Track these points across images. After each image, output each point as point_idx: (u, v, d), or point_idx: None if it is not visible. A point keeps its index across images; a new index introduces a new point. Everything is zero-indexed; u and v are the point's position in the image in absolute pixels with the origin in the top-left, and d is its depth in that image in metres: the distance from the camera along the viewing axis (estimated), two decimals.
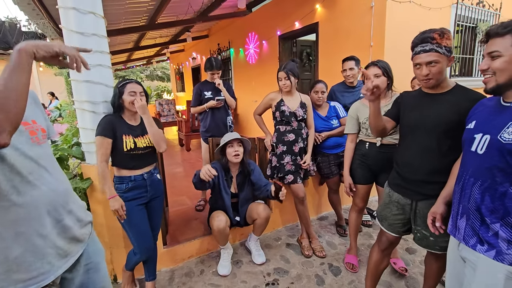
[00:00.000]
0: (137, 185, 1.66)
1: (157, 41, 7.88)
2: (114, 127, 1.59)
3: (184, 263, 2.26)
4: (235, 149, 2.07)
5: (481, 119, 1.06)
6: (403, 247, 2.39)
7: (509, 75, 0.93)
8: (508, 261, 0.93)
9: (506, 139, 0.92)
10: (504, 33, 0.92)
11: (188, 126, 5.77)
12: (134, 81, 1.67)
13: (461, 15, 3.85)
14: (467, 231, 1.05)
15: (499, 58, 0.94)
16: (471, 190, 1.03)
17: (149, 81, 18.36)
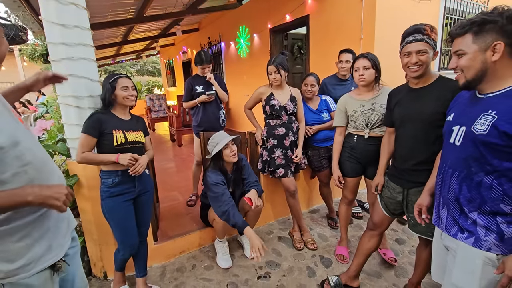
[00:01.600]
0: (124, 180, 1.63)
1: (146, 35, 7.72)
2: (102, 125, 1.57)
3: (175, 258, 2.25)
4: (231, 150, 2.04)
5: (459, 111, 1.09)
6: (393, 238, 2.43)
7: (476, 70, 0.95)
8: (486, 247, 0.96)
9: (478, 130, 0.95)
10: (463, 33, 0.96)
11: (180, 121, 5.71)
12: (124, 75, 1.66)
13: (450, 8, 3.88)
14: (449, 220, 1.09)
15: (464, 56, 0.97)
16: (450, 180, 1.07)
17: (139, 76, 18.05)
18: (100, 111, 1.64)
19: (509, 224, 0.93)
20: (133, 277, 1.92)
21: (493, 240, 0.95)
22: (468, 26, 0.94)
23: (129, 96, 1.63)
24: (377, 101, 1.85)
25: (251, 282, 1.97)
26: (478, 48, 0.93)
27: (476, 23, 0.92)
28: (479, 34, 0.92)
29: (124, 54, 10.38)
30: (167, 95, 11.43)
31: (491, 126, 0.91)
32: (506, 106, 0.90)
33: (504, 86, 0.93)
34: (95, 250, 1.98)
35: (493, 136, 0.91)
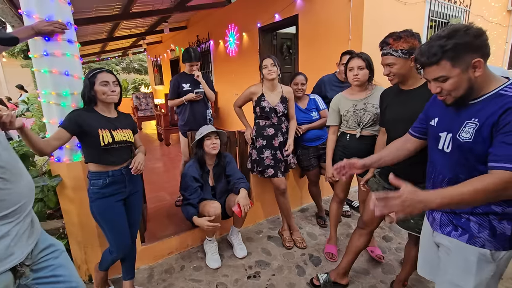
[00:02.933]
0: (115, 180, 1.58)
1: (133, 32, 7.55)
2: (83, 123, 1.48)
3: (164, 259, 2.21)
4: (212, 142, 2.09)
5: (443, 116, 1.09)
6: (380, 235, 2.47)
7: (464, 89, 0.94)
8: (480, 244, 0.98)
9: (463, 138, 0.97)
10: (438, 60, 0.93)
11: (167, 120, 5.62)
12: (105, 70, 1.56)
13: (434, 10, 3.98)
14: (443, 220, 1.10)
15: (448, 81, 0.94)
16: (440, 186, 1.08)
17: (126, 74, 17.65)
18: (83, 109, 1.56)
19: (500, 220, 0.96)
20: (119, 280, 1.87)
21: (486, 236, 0.97)
22: (441, 53, 0.92)
23: (110, 92, 1.52)
24: (369, 101, 1.87)
25: (241, 282, 1.96)
26: (460, 70, 0.92)
27: (450, 50, 0.90)
28: (455, 58, 0.91)
29: (110, 51, 10.12)
30: (155, 93, 11.21)
31: (475, 134, 0.93)
32: (485, 112, 0.92)
33: (483, 93, 0.95)
34: (80, 253, 1.92)
35: (478, 143, 0.93)
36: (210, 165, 2.20)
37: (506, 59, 5.93)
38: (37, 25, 1.51)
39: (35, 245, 1.02)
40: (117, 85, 1.57)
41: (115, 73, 1.60)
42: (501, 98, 0.91)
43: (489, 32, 3.32)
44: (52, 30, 1.55)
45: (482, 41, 0.91)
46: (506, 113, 0.87)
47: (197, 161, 2.15)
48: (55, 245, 1.10)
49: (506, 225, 0.95)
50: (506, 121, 0.86)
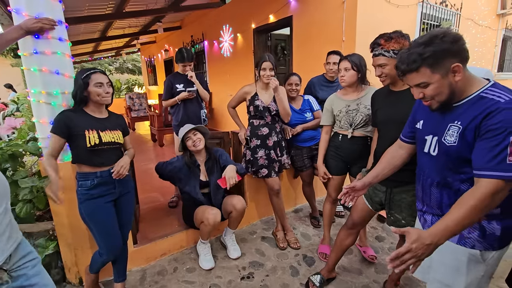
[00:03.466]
0: (104, 181, 1.56)
1: (126, 32, 7.49)
2: (71, 124, 1.46)
3: (156, 261, 2.19)
4: (192, 140, 2.11)
5: (427, 119, 1.10)
6: (373, 235, 2.49)
7: (446, 94, 0.95)
8: (470, 245, 0.99)
9: (449, 142, 0.97)
10: (417, 68, 0.93)
11: (161, 120, 5.58)
12: (98, 70, 1.54)
13: (426, 13, 4.04)
14: (434, 222, 1.11)
15: (429, 86, 0.95)
16: (430, 189, 1.09)
17: (119, 74, 17.47)
18: (70, 109, 1.54)
19: (489, 221, 0.97)
20: (111, 282, 1.84)
21: (476, 237, 0.98)
22: (420, 61, 0.92)
23: (105, 93, 1.51)
24: (362, 102, 1.88)
25: (234, 283, 1.95)
26: (440, 75, 0.93)
27: (428, 57, 0.91)
28: (435, 64, 0.92)
29: (103, 51, 10.01)
30: (148, 94, 11.13)
31: (459, 137, 0.94)
32: (467, 115, 0.93)
33: (465, 96, 0.96)
34: (70, 255, 1.88)
35: (463, 146, 0.94)
36: (201, 161, 2.20)
37: (496, 62, 6.05)
38: (25, 24, 1.48)
39: (15, 250, 0.98)
40: (110, 86, 1.55)
41: (107, 74, 1.59)
42: (482, 101, 0.92)
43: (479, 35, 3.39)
44: (41, 27, 1.53)
45: (459, 46, 0.91)
46: (488, 117, 0.87)
47: (187, 162, 2.15)
48: (33, 252, 1.06)
49: (495, 226, 0.96)
50: (488, 126, 0.87)
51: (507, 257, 2.22)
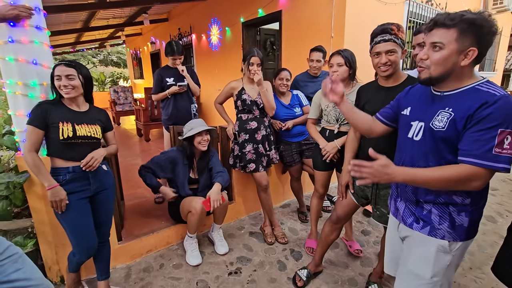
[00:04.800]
0: (77, 177, 1.49)
1: (110, 22, 7.23)
2: (47, 115, 1.40)
3: (142, 258, 2.15)
4: (203, 138, 2.10)
5: (415, 106, 1.11)
6: (359, 230, 2.53)
7: (444, 69, 0.95)
8: (440, 236, 1.03)
9: (437, 127, 0.98)
10: (450, 25, 0.91)
11: (147, 115, 5.46)
12: (64, 62, 1.44)
13: (413, 11, 4.10)
14: (406, 211, 1.13)
15: (440, 51, 0.94)
16: None
17: (103, 67, 16.97)
18: (49, 101, 1.47)
19: (459, 212, 1.00)
20: (94, 280, 1.79)
21: (446, 228, 1.02)
22: (458, 20, 0.90)
23: (62, 86, 1.41)
24: (349, 97, 1.88)
25: (222, 279, 1.94)
26: (457, 48, 0.91)
27: (466, 21, 0.89)
28: (464, 33, 0.90)
29: (86, 42, 9.66)
30: (134, 87, 10.86)
31: (449, 123, 0.95)
32: (461, 104, 0.94)
33: (461, 86, 0.97)
34: (50, 253, 1.81)
35: (451, 133, 0.94)
36: (195, 158, 2.20)
37: None
38: (0, 10, 1.39)
39: None
40: (72, 79, 1.43)
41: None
42: (477, 92, 0.92)
43: None
44: (18, 15, 1.44)
45: (490, 38, 0.91)
46: (482, 108, 0.88)
47: (184, 154, 2.14)
48: (10, 248, 1.00)
49: (464, 217, 1.00)
50: (480, 116, 0.88)
51: (484, 249, 2.32)
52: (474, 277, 1.95)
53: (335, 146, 1.91)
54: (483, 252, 2.21)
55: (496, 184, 3.59)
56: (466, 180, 0.89)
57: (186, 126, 2.15)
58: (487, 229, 2.55)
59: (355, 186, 1.68)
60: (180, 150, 2.18)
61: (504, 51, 7.58)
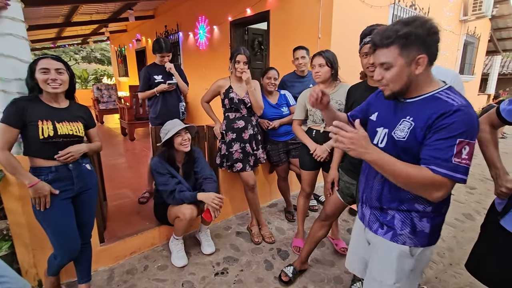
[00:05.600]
0: (60, 177, 1.42)
1: (94, 18, 7.02)
2: (24, 113, 1.33)
3: (125, 260, 2.09)
4: (183, 138, 1.99)
5: (382, 112, 1.11)
6: (345, 228, 2.57)
7: (402, 83, 0.95)
8: (401, 241, 1.04)
9: (398, 136, 0.98)
10: (389, 44, 0.92)
11: (132, 113, 5.33)
12: (50, 56, 1.39)
13: (397, 15, 4.21)
14: (371, 217, 1.14)
15: (390, 70, 0.94)
16: (373, 182, 1.11)
17: (86, 64, 16.47)
18: (25, 98, 1.40)
19: (421, 218, 1.01)
20: (75, 283, 1.73)
21: (408, 233, 1.02)
22: (394, 37, 0.90)
23: (50, 80, 1.35)
24: (333, 97, 1.91)
25: (208, 279, 1.92)
26: (404, 62, 0.92)
27: (402, 36, 0.89)
28: (405, 47, 0.90)
29: (67, 37, 9.32)
30: (118, 85, 10.59)
31: (409, 133, 0.95)
32: (421, 114, 0.94)
33: (421, 93, 0.97)
34: (27, 256, 1.73)
35: (412, 143, 0.95)
36: (179, 162, 2.10)
37: (458, 65, 6.49)
38: None
39: None
40: (61, 73, 1.39)
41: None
42: (436, 102, 0.92)
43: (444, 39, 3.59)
44: None
45: (433, 39, 0.91)
46: (441, 118, 0.88)
47: (166, 160, 2.01)
48: None
49: (426, 223, 1.01)
50: (439, 126, 0.88)
51: (463, 245, 2.40)
52: (454, 272, 2.02)
53: (325, 150, 1.93)
54: (462, 248, 2.29)
55: (474, 183, 3.74)
56: (428, 186, 0.89)
57: (162, 130, 2.03)
58: (466, 226, 2.65)
59: (340, 183, 1.70)
60: (161, 157, 2.03)
61: (482, 56, 7.92)
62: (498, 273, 1.17)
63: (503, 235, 1.13)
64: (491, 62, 10.26)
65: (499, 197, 1.19)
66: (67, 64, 1.43)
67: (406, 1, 4.34)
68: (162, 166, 1.98)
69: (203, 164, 2.15)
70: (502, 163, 1.23)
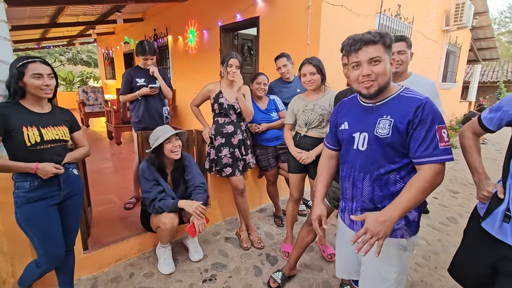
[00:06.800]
0: (47, 182, 1.37)
1: (80, 19, 6.89)
2: (6, 120, 1.27)
3: (110, 268, 2.02)
4: (174, 145, 1.93)
5: (352, 118, 1.18)
6: (333, 233, 2.58)
7: (387, 78, 1.06)
8: (400, 235, 1.11)
9: (382, 134, 1.06)
10: (377, 42, 1.03)
11: (119, 117, 5.22)
12: (38, 59, 1.34)
13: (383, 24, 4.33)
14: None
15: (379, 64, 1.03)
16: (362, 184, 1.14)
17: (72, 66, 16.09)
18: (5, 103, 1.33)
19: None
20: None
21: (404, 226, 1.10)
22: (379, 37, 1.03)
23: (44, 86, 1.32)
24: (318, 103, 1.95)
25: (196, 287, 1.88)
26: (387, 59, 1.05)
27: (385, 38, 1.03)
28: (387, 48, 1.04)
29: (52, 38, 9.10)
30: (105, 88, 10.39)
31: (392, 129, 1.04)
32: (397, 111, 1.04)
33: (388, 95, 1.09)
34: (5, 266, 1.65)
35: (396, 137, 1.04)
36: (168, 169, 2.05)
37: (441, 73, 6.72)
38: None
39: None
40: (52, 78, 1.36)
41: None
42: (405, 99, 1.06)
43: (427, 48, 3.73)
44: None
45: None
46: (418, 111, 1.00)
47: (154, 166, 1.96)
48: None
49: (414, 212, 1.11)
50: (418, 119, 1.00)
51: (448, 249, 2.45)
52: (439, 275, 2.06)
53: (310, 156, 1.96)
54: (447, 251, 2.35)
55: (457, 188, 3.85)
56: (436, 178, 0.99)
57: (151, 136, 1.96)
58: (449, 229, 2.72)
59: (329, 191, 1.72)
60: (150, 162, 1.97)
61: (464, 64, 8.24)
62: (477, 278, 1.21)
63: (483, 237, 1.16)
64: (471, 71, 10.70)
65: (481, 201, 1.23)
66: (53, 68, 1.39)
67: (392, 11, 4.47)
68: (149, 172, 1.94)
69: (194, 172, 2.09)
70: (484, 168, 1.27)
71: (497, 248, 1.11)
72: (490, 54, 9.22)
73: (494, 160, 5.37)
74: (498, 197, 1.11)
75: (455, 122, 7.89)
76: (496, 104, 1.18)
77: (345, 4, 3.63)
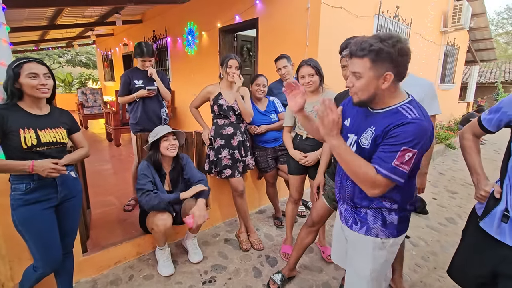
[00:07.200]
0: (43, 185, 1.36)
1: (79, 21, 6.88)
2: (3, 122, 1.26)
3: (109, 270, 2.02)
4: (170, 143, 1.97)
5: (354, 118, 1.19)
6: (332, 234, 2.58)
7: (369, 94, 1.03)
8: (374, 234, 1.15)
9: (363, 144, 1.08)
10: (362, 56, 0.98)
11: (118, 118, 5.22)
12: (34, 60, 1.33)
13: (381, 25, 4.35)
14: (346, 214, 1.24)
15: (360, 80, 1.02)
16: (346, 182, 1.20)
17: (71, 67, 16.07)
18: (3, 105, 1.32)
19: (389, 212, 1.12)
20: None
21: (379, 226, 1.13)
22: (367, 51, 0.96)
23: (40, 85, 1.30)
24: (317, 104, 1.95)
25: None
26: (373, 75, 0.98)
27: (374, 51, 0.95)
28: (375, 62, 0.96)
29: (51, 40, 9.10)
30: (104, 90, 10.38)
31: (371, 141, 1.05)
32: (382, 124, 1.03)
33: (385, 106, 1.06)
34: (4, 269, 1.64)
35: (374, 150, 1.04)
36: (166, 169, 2.06)
37: (439, 74, 6.74)
38: None
39: None
40: (49, 78, 1.35)
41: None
42: (396, 114, 1.01)
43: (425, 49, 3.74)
44: None
45: (403, 60, 0.97)
46: (395, 127, 0.98)
47: (152, 163, 1.98)
48: None
49: (394, 216, 1.13)
50: (391, 134, 0.99)
51: (447, 249, 2.45)
52: (438, 276, 2.06)
53: (316, 157, 1.96)
54: (446, 252, 2.35)
55: (456, 188, 3.86)
56: (369, 181, 1.00)
57: (151, 134, 2.01)
58: (448, 230, 2.72)
59: (326, 188, 1.73)
60: (149, 161, 2.00)
61: (462, 65, 8.28)
62: (477, 278, 1.21)
63: (482, 237, 1.17)
64: (469, 72, 10.74)
65: (479, 201, 1.23)
66: (49, 68, 1.39)
67: (390, 12, 4.49)
68: (148, 171, 1.96)
69: (192, 170, 2.11)
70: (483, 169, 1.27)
71: (496, 248, 1.12)
72: (488, 55, 9.27)
73: (492, 160, 5.39)
74: (495, 197, 1.11)
75: (454, 123, 7.92)
76: (496, 106, 1.19)
77: (344, 6, 3.65)
